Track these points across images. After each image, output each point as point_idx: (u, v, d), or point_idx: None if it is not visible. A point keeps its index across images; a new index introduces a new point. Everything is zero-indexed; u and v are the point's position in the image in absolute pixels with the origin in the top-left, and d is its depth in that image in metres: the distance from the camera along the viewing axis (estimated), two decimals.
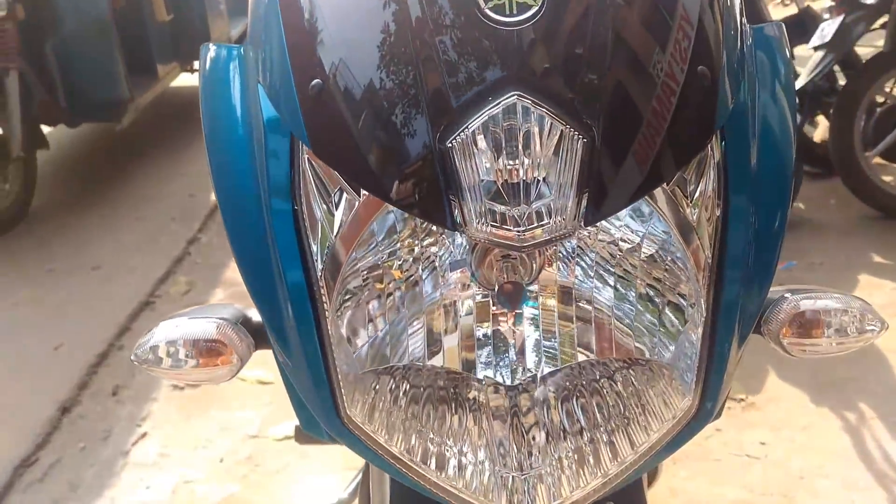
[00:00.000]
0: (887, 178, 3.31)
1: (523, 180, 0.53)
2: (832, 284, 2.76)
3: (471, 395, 0.62)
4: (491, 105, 0.53)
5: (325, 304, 0.60)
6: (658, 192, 0.57)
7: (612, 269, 0.60)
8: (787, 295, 0.66)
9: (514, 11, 0.54)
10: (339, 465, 2.01)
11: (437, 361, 0.61)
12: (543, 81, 0.54)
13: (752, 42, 0.66)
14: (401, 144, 0.55)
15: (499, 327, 0.61)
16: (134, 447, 2.17)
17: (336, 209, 0.58)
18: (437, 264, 0.60)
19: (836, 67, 3.33)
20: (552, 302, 0.60)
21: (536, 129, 0.53)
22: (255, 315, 0.68)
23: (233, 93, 0.65)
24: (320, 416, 0.64)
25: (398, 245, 0.59)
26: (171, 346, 0.64)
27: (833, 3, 3.16)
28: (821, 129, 3.73)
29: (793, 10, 3.51)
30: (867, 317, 0.64)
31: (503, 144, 0.53)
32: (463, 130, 0.53)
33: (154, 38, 4.07)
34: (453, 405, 0.62)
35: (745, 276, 0.61)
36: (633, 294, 0.60)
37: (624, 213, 0.58)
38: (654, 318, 0.60)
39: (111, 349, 2.63)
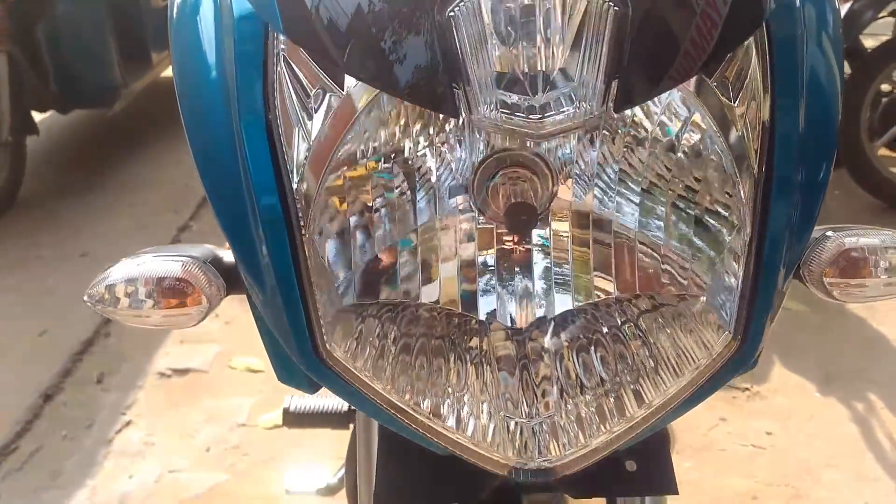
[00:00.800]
0: (894, 170, 3.25)
1: (542, 59, 0.45)
2: None
3: (472, 343, 0.54)
4: None
5: (301, 225, 0.51)
6: (699, 85, 0.49)
7: (638, 181, 0.52)
8: (829, 234, 0.58)
9: None
10: (331, 454, 1.94)
11: (430, 297, 0.53)
12: None
13: None
14: (391, 14, 0.46)
15: (505, 260, 0.52)
16: (118, 436, 2.10)
17: (315, 112, 0.50)
18: (433, 181, 0.51)
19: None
20: (566, 228, 0.52)
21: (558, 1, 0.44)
22: (229, 256, 0.60)
23: (202, 11, 0.58)
24: (297, 356, 0.56)
25: (388, 148, 0.51)
26: (131, 284, 0.56)
27: None
28: None
29: None
30: None
31: (517, 15, 0.44)
32: None
33: (149, 24, 3.94)
34: (451, 356, 0.54)
35: (795, 196, 0.53)
36: (663, 209, 0.52)
37: (659, 103, 0.50)
38: (687, 241, 0.52)
39: (97, 336, 2.56)
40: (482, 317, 0.53)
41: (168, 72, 4.42)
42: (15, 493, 1.90)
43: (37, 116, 3.73)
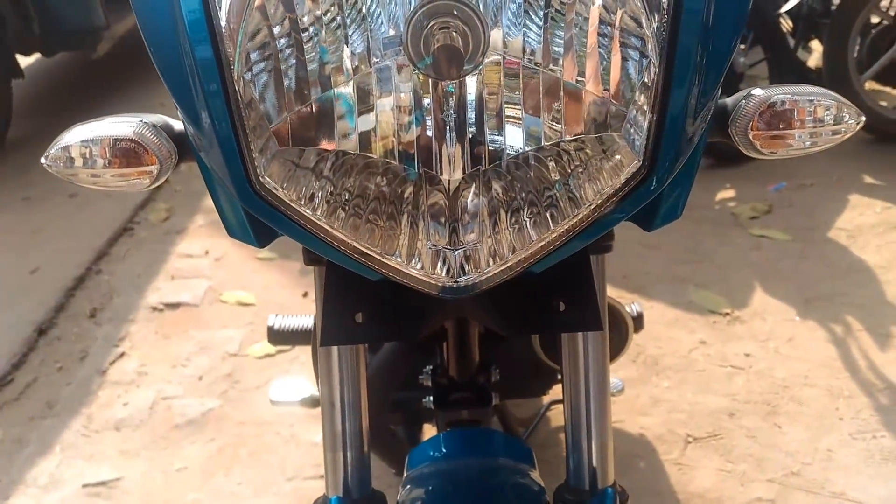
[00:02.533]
0: (883, 103, 3.24)
1: None
2: (823, 204, 2.74)
3: (405, 194, 0.57)
4: None
5: (230, 61, 0.53)
6: None
7: (561, 23, 0.53)
8: (754, 91, 0.60)
9: None
10: None
11: (361, 142, 0.55)
12: None
13: None
14: None
15: (439, 109, 0.54)
16: (111, 366, 2.14)
17: None
18: (364, 22, 0.53)
19: None
20: (495, 76, 0.54)
21: None
22: (180, 126, 0.63)
23: None
24: (235, 191, 0.58)
25: None
26: (85, 146, 0.58)
27: None
28: (815, 55, 3.65)
29: None
30: (843, 108, 0.59)
31: None
32: None
33: None
34: (386, 203, 0.57)
35: (705, 25, 0.55)
36: (585, 46, 0.54)
37: None
38: (605, 78, 0.54)
39: (89, 273, 2.59)
40: (417, 169, 0.56)
41: None
42: (13, 422, 1.95)
43: (22, 61, 3.70)
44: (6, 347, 2.21)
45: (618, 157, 0.57)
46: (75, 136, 0.58)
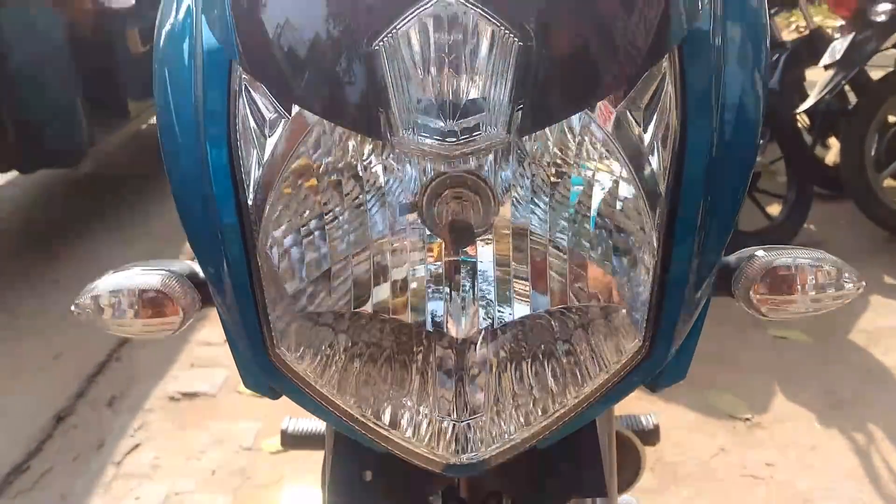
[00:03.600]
0: None
1: (455, 86, 0.50)
2: (844, 307, 2.70)
3: (416, 351, 0.58)
4: (422, 4, 0.50)
5: (254, 236, 0.57)
6: (605, 111, 0.53)
7: (566, 205, 0.56)
8: (758, 253, 0.62)
9: None
10: None
11: (379, 307, 0.57)
12: None
13: None
14: (328, 50, 0.52)
15: (450, 274, 0.57)
16: (126, 457, 2.14)
17: (271, 133, 0.55)
18: (384, 195, 0.56)
19: (848, 88, 3.29)
20: (505, 246, 0.57)
21: (469, 31, 0.50)
22: None
23: (183, 29, 0.63)
24: (252, 359, 0.61)
25: (339, 164, 0.56)
26: (114, 296, 0.61)
27: (843, 23, 3.14)
28: (833, 152, 3.68)
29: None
30: (844, 273, 0.61)
31: (434, 46, 0.50)
32: (392, 31, 0.50)
33: (126, 74, 3.59)
34: (396, 363, 0.59)
35: (703, 212, 0.57)
36: (588, 227, 0.56)
37: (574, 128, 0.54)
38: (608, 256, 0.57)
39: (110, 359, 2.61)
40: (428, 327, 0.57)
41: (153, 119, 4.42)
42: None
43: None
44: (25, 434, 2.22)
45: (619, 330, 0.58)
46: (105, 285, 0.61)
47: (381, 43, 0.50)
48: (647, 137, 0.55)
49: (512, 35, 0.50)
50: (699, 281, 0.59)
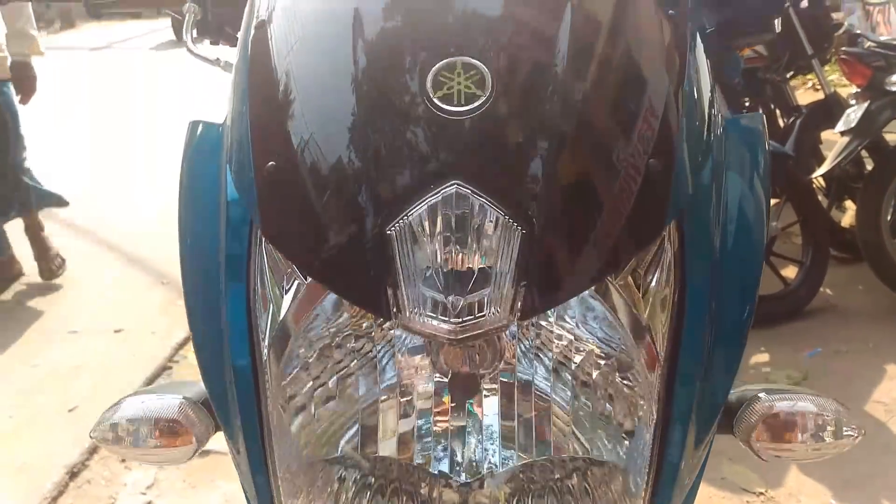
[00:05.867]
0: None
1: (461, 269, 0.53)
2: (860, 373, 2.70)
3: (422, 490, 0.60)
4: (431, 193, 0.53)
5: (267, 390, 0.59)
6: (607, 284, 0.55)
7: (570, 364, 0.58)
8: (760, 395, 0.63)
9: (462, 101, 0.55)
10: None
11: (386, 451, 0.59)
12: (485, 171, 0.54)
13: (725, 132, 0.65)
14: (344, 230, 0.55)
15: (452, 419, 0.59)
16: None
17: (287, 292, 0.58)
18: (392, 349, 0.58)
19: (864, 153, 3.30)
20: (508, 395, 0.59)
21: (475, 218, 0.53)
22: None
23: (208, 170, 0.67)
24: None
25: (346, 329, 0.58)
26: (132, 424, 0.64)
27: (859, 90, 3.16)
28: (849, 215, 3.68)
29: (821, 95, 3.51)
30: (844, 422, 0.62)
31: (441, 233, 0.53)
32: (403, 218, 0.53)
33: None
34: (403, 499, 0.60)
35: (701, 375, 0.59)
36: (589, 391, 0.58)
37: (572, 306, 0.56)
38: (607, 416, 0.58)
39: None
40: (434, 471, 0.59)
41: None
42: None
43: None
44: (38, 490, 2.23)
45: (620, 490, 0.59)
46: (123, 412, 0.64)
47: (393, 228, 0.53)
48: (645, 304, 0.57)
49: (515, 223, 0.52)
50: (699, 440, 0.60)
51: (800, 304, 3.05)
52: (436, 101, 0.55)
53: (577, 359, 0.58)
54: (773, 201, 3.11)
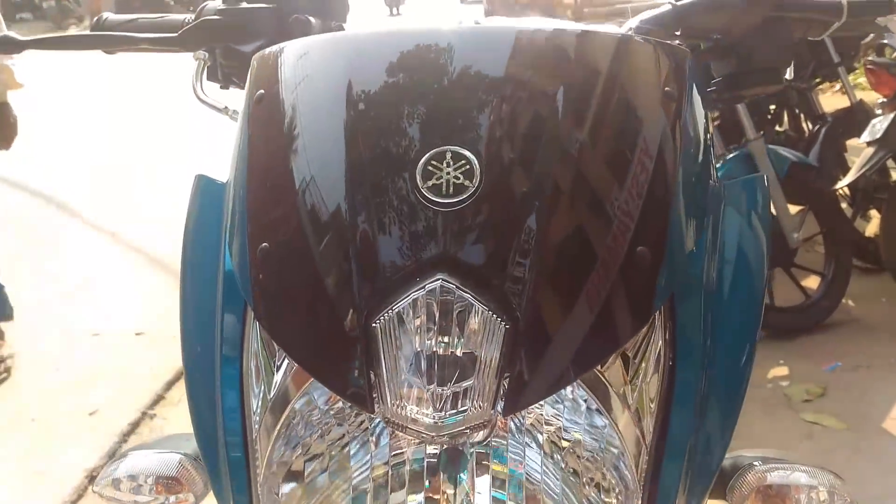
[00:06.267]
0: None
1: (443, 364, 0.53)
2: (880, 388, 2.66)
3: None
4: (417, 287, 0.53)
5: (257, 467, 0.60)
6: (592, 375, 0.56)
7: (559, 448, 0.58)
8: (755, 464, 0.63)
9: (450, 192, 0.55)
10: None
11: None
12: (470, 264, 0.54)
13: (726, 198, 0.64)
14: (330, 320, 0.55)
15: (443, 495, 0.59)
16: None
17: (278, 371, 0.59)
18: (373, 428, 0.59)
19: (890, 163, 3.25)
20: (492, 473, 0.59)
21: (458, 313, 0.53)
22: None
23: (210, 229, 0.68)
24: None
25: (337, 403, 0.59)
26: (133, 480, 0.66)
27: (885, 100, 3.11)
28: (873, 224, 3.63)
29: (846, 100, 3.47)
30: (836, 494, 0.62)
31: (425, 327, 0.53)
32: (387, 311, 0.53)
33: None
34: None
35: (692, 450, 0.59)
36: (576, 478, 0.58)
37: (558, 396, 0.57)
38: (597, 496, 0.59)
39: (144, 417, 2.68)
40: None
41: None
42: None
43: None
44: (58, 495, 2.28)
45: None
46: (124, 468, 0.66)
47: (378, 321, 0.53)
48: (633, 384, 0.57)
49: (499, 318, 0.52)
50: None
51: (821, 316, 3.01)
52: (424, 191, 0.55)
53: (564, 444, 0.58)
54: (795, 209, 3.07)
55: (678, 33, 0.87)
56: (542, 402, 0.57)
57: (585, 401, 0.57)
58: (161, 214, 4.03)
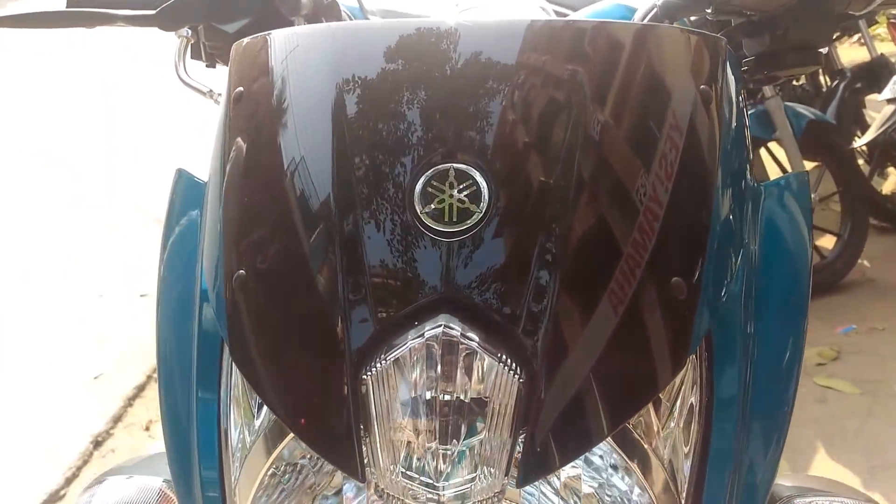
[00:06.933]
0: None
1: (445, 420, 0.45)
2: (895, 352, 2.61)
3: None
4: (415, 332, 0.45)
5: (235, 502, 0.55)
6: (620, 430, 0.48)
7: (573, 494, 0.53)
8: (797, 500, 0.57)
9: (454, 218, 0.47)
10: None
11: None
12: (477, 305, 0.46)
13: (764, 203, 0.56)
14: (313, 371, 0.48)
15: None
16: None
17: (258, 414, 0.53)
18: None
19: None
20: None
21: (464, 363, 0.45)
22: None
23: (191, 233, 0.62)
24: None
25: (317, 469, 0.53)
26: None
27: None
28: (890, 181, 3.54)
29: (865, 54, 3.35)
30: None
31: (424, 380, 0.45)
32: (380, 361, 0.45)
33: None
34: None
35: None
36: None
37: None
38: None
39: (149, 381, 2.66)
40: None
41: None
42: None
43: None
44: (63, 459, 2.27)
45: None
46: (103, 496, 0.61)
47: (368, 373, 0.46)
48: (664, 451, 0.50)
49: (512, 370, 0.44)
50: None
51: (836, 277, 2.96)
52: (423, 217, 0.47)
53: (587, 492, 0.51)
54: (810, 165, 2.99)
55: (709, 11, 0.78)
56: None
57: (608, 455, 0.50)
58: None
